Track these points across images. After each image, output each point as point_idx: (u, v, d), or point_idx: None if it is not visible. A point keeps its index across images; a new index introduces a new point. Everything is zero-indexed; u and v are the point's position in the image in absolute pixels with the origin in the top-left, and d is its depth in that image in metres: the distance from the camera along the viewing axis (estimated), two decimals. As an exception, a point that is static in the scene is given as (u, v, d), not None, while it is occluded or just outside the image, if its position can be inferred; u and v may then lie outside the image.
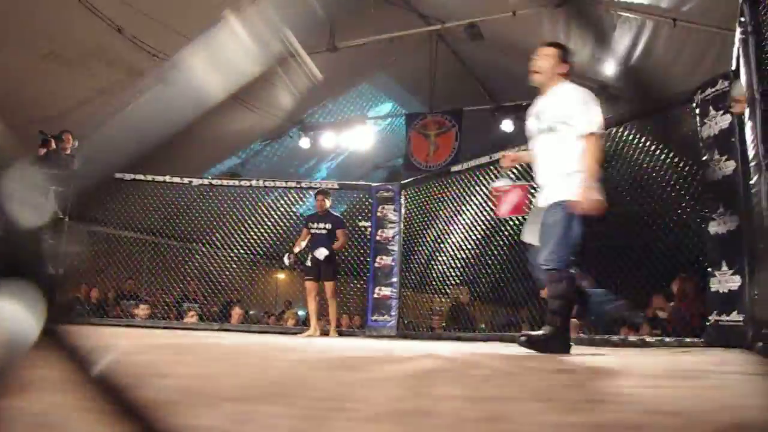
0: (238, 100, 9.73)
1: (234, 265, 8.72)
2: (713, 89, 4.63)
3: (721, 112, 4.49)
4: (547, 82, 3.68)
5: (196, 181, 8.30)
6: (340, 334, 7.37)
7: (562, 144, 3.53)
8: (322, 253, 6.82)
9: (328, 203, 7.13)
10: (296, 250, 7.05)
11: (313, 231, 7.02)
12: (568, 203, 3.44)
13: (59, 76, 7.67)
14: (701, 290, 5.48)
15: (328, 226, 6.99)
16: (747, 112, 3.67)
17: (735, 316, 4.10)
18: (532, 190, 4.23)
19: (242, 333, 7.15)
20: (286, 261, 7.09)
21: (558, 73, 3.68)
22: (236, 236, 8.59)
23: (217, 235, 8.69)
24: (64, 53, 7.55)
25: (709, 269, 4.44)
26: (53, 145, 6.71)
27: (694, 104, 4.79)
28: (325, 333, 7.07)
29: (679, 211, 5.29)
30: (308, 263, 6.97)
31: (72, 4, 7.06)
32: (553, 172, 3.59)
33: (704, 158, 4.61)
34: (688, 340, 4.68)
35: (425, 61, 10.21)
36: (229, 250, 8.67)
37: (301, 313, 10.49)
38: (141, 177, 8.06)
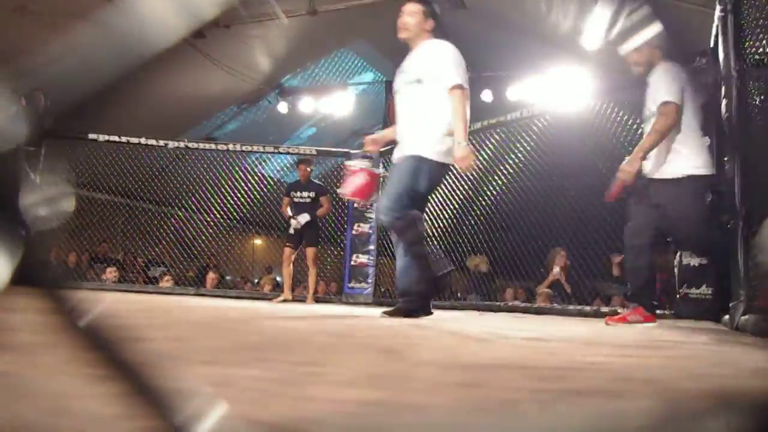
0: (213, 60, 9.53)
1: (210, 230, 8.66)
2: (691, 66, 4.66)
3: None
4: (414, 38, 3.74)
5: (171, 144, 8.16)
6: (317, 300, 7.39)
7: (427, 97, 3.57)
8: (304, 217, 6.80)
9: (310, 171, 7.10)
10: (290, 214, 7.00)
11: (296, 200, 6.98)
12: (420, 157, 3.49)
13: (30, 31, 7.43)
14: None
15: (312, 194, 6.96)
16: (723, 89, 3.69)
17: (704, 290, 4.20)
18: (383, 180, 4.31)
19: (218, 298, 7.13)
20: (296, 225, 6.95)
21: (425, 30, 3.74)
22: (212, 200, 8.52)
23: (193, 199, 8.60)
24: (36, 8, 7.30)
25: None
26: (23, 103, 6.51)
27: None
28: (300, 300, 7.09)
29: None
30: (291, 231, 6.94)
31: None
32: (413, 126, 3.62)
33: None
34: (658, 312, 4.79)
35: (407, 28, 10.08)
36: (205, 215, 8.60)
37: (279, 279, 10.50)
38: (116, 138, 7.90)
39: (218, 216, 8.60)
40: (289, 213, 6.98)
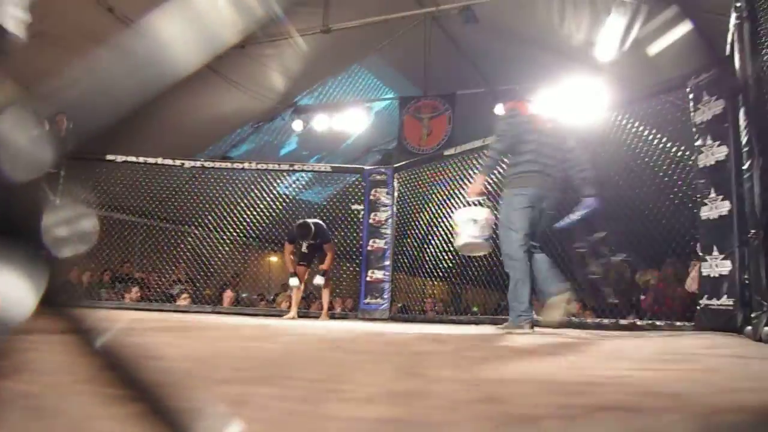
0: (228, 80, 9.65)
1: (226, 248, 8.70)
2: (707, 75, 4.63)
3: (715, 97, 4.50)
4: None
5: (188, 163, 8.24)
6: (332, 317, 7.38)
7: None
8: (317, 282, 6.84)
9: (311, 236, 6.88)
10: (292, 270, 6.96)
11: (303, 249, 6.93)
12: None
13: (48, 55, 7.57)
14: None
15: (318, 240, 6.86)
16: (741, 97, 3.67)
17: (725, 300, 4.13)
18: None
19: (235, 315, 7.14)
20: (294, 284, 6.93)
21: None
22: (229, 219, 8.57)
23: (210, 217, 8.66)
24: (53, 32, 7.45)
25: (700, 254, 4.47)
26: (46, 126, 6.62)
27: (688, 89, 4.79)
28: (314, 316, 7.06)
29: (671, 196, 5.31)
30: (304, 249, 6.92)
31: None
32: None
33: (697, 143, 4.62)
34: (678, 323, 4.72)
35: (419, 44, 10.14)
36: (221, 233, 8.65)
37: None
38: (133, 159, 8.00)
39: (235, 234, 8.63)
40: (292, 269, 6.96)
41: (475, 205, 4.50)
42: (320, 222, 7.05)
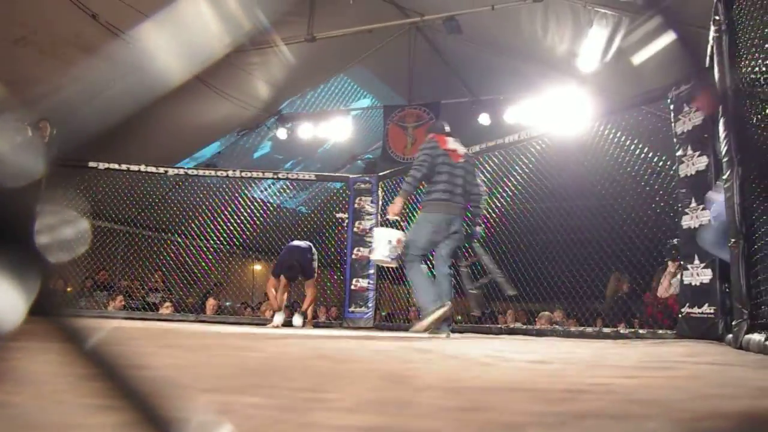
0: (213, 89, 9.61)
1: (210, 256, 8.65)
2: (687, 86, 4.71)
3: (695, 108, 4.57)
4: None
5: (171, 171, 8.19)
6: (316, 325, 7.35)
7: None
8: (297, 321, 6.97)
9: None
10: (279, 306, 6.97)
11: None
12: None
13: (32, 62, 7.50)
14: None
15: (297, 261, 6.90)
16: (720, 108, 3.73)
17: (706, 309, 4.18)
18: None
19: (218, 324, 7.09)
20: (278, 321, 6.88)
21: None
22: (213, 227, 8.52)
23: (193, 225, 8.61)
24: (37, 39, 7.38)
25: (681, 262, 4.52)
26: (30, 133, 6.54)
27: (669, 100, 4.86)
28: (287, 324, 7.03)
29: (653, 205, 5.38)
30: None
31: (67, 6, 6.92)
32: None
33: (678, 153, 4.69)
34: (660, 331, 4.76)
35: (404, 53, 10.19)
36: (205, 241, 8.59)
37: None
38: (115, 166, 7.93)
39: (218, 242, 8.59)
40: (275, 302, 6.98)
41: (392, 225, 5.45)
42: (310, 250, 7.03)
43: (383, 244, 5.08)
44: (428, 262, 5.08)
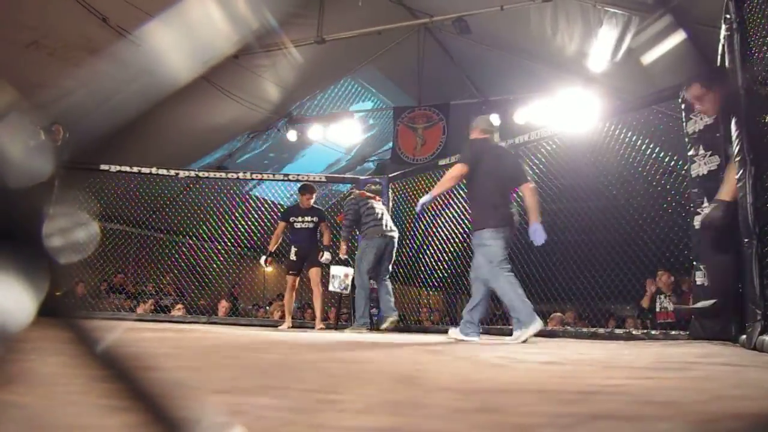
0: (223, 91, 9.65)
1: (221, 258, 8.68)
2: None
3: (698, 110, 4.54)
4: None
5: (182, 173, 8.22)
6: (327, 327, 7.34)
7: None
8: (327, 258, 6.90)
9: (312, 201, 7.05)
10: (272, 249, 7.03)
11: (296, 225, 6.96)
12: None
13: (43, 66, 7.56)
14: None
15: (315, 219, 6.94)
16: (732, 107, 3.70)
17: (719, 309, 4.14)
18: None
19: (230, 326, 7.11)
20: (262, 262, 7.17)
21: None
22: (224, 229, 8.55)
23: (204, 227, 8.64)
24: (48, 43, 7.44)
25: (694, 263, 4.48)
26: (42, 137, 6.59)
27: (680, 100, 4.82)
28: (309, 327, 7.03)
29: (665, 205, 5.34)
30: (292, 257, 6.93)
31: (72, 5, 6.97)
32: None
33: (689, 153, 4.65)
34: (673, 332, 4.73)
35: (413, 54, 10.19)
36: (216, 243, 8.62)
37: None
38: (127, 169, 7.98)
39: (230, 244, 8.62)
40: (274, 246, 7.03)
41: (344, 261, 6.99)
42: (315, 230, 7.07)
43: (336, 279, 7.00)
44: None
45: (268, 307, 10.34)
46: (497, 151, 4.69)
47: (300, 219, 6.95)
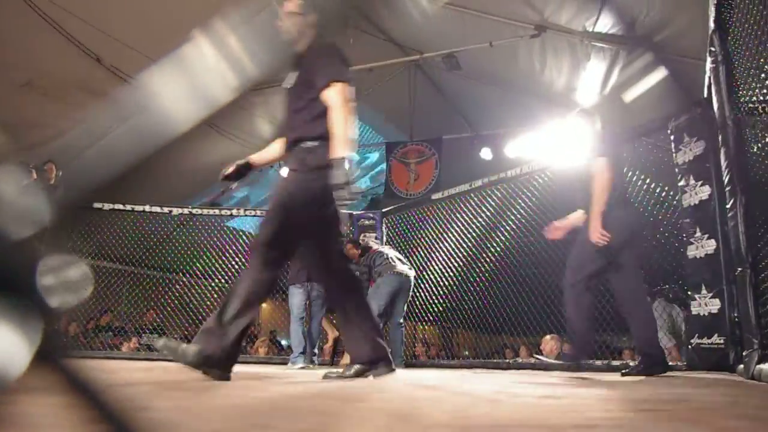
0: (216, 128, 9.72)
1: (216, 295, 8.62)
2: (686, 116, 4.74)
3: (695, 138, 4.59)
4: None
5: (176, 210, 8.22)
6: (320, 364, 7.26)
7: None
8: None
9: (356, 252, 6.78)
10: None
11: None
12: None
13: (38, 105, 7.61)
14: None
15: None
16: (720, 138, 3.76)
17: (716, 339, 4.13)
18: None
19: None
20: None
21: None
22: (217, 265, 8.51)
23: (198, 264, 8.60)
24: (42, 83, 7.51)
25: (689, 293, 4.49)
26: (35, 176, 6.59)
27: (669, 131, 4.89)
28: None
29: (657, 236, 5.36)
30: None
31: (49, 34, 7.05)
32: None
33: (680, 183, 4.70)
34: (670, 363, 4.70)
35: (404, 90, 10.32)
36: (210, 280, 8.57)
37: (284, 342, 10.41)
38: (120, 207, 7.97)
39: (222, 281, 8.56)
40: None
41: None
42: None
43: None
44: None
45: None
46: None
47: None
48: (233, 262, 8.45)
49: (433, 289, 7.41)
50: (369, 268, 6.50)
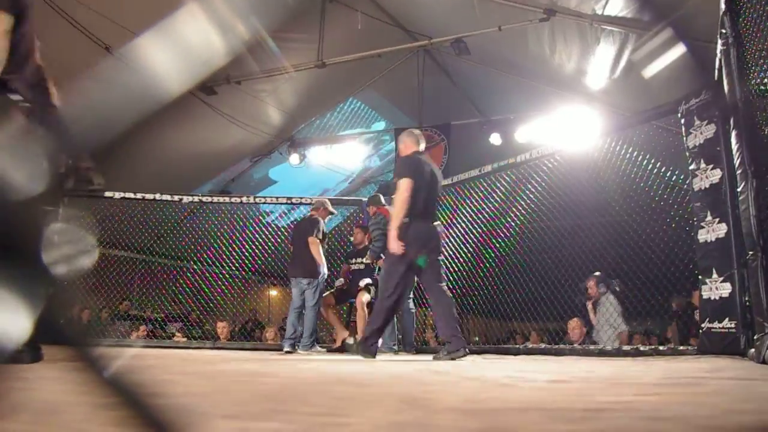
0: (225, 116, 9.73)
1: (226, 282, 8.67)
2: (697, 100, 4.69)
3: (706, 122, 4.55)
4: None
5: (186, 199, 8.25)
6: (330, 350, 7.29)
7: None
8: (364, 281, 6.80)
9: (363, 237, 7.01)
10: (337, 285, 7.10)
11: (353, 267, 6.99)
12: None
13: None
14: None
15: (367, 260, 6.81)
16: (732, 121, 3.72)
17: (727, 323, 4.12)
18: None
19: (234, 350, 7.08)
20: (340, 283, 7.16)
21: None
22: (228, 253, 8.55)
23: (209, 252, 8.65)
24: (51, 72, 7.52)
25: (699, 277, 4.46)
26: (46, 162, 6.60)
27: (679, 114, 4.84)
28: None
29: (668, 220, 5.33)
30: (337, 283, 7.10)
31: (58, 23, 7.05)
32: None
33: (691, 167, 4.65)
34: (681, 348, 4.69)
35: (413, 75, 10.27)
36: (220, 267, 8.62)
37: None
38: (131, 195, 8.00)
39: (234, 268, 8.61)
40: (339, 283, 7.07)
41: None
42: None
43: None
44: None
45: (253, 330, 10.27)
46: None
47: (354, 260, 7.06)
48: (244, 251, 8.48)
49: (443, 275, 7.40)
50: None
